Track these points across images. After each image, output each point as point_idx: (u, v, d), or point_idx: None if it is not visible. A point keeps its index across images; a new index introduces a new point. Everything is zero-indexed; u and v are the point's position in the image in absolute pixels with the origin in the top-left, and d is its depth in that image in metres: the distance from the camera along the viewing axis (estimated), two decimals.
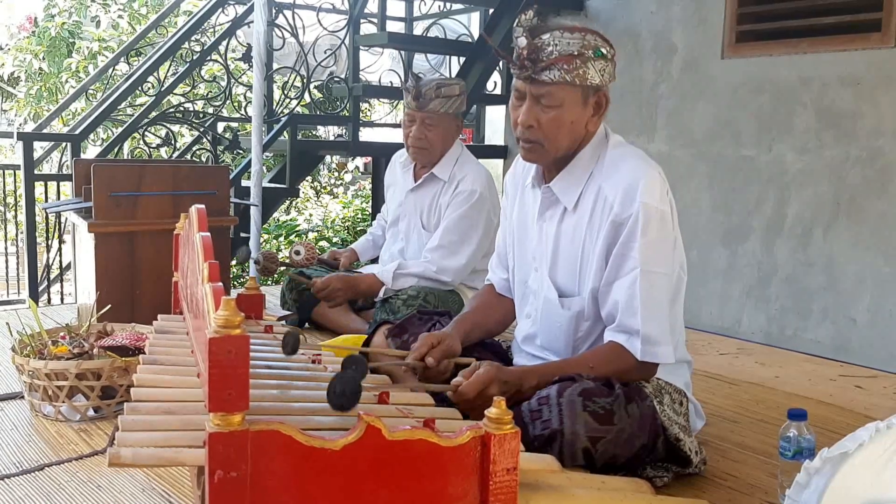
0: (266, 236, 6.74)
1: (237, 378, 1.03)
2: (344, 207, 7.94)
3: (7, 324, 2.23)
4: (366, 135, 7.64)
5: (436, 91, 2.82)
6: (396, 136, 7.23)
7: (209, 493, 1.04)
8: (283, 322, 2.19)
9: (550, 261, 1.92)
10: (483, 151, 5.87)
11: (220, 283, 1.20)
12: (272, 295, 3.45)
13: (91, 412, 2.10)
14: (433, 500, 1.17)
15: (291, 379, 1.56)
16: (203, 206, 1.55)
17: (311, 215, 8.25)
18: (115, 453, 1.07)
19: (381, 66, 6.35)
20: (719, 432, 2.11)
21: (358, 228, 7.39)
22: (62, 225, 4.91)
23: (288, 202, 8.10)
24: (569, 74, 1.75)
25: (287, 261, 3.08)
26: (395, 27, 6.19)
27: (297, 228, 7.04)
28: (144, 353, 2.18)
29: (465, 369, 1.75)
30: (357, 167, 10.88)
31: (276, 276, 3.16)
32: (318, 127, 8.69)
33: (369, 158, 11.01)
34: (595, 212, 1.83)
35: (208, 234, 1.39)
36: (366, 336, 2.30)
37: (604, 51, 1.79)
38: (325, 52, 5.13)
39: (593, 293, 1.82)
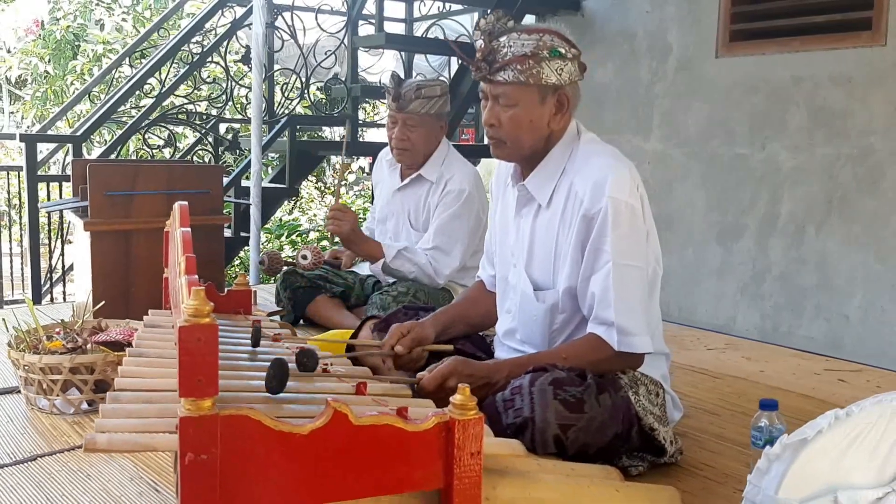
0: (268, 236, 6.80)
1: (206, 365, 1.07)
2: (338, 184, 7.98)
3: (3, 320, 2.28)
4: (369, 135, 7.67)
5: (416, 92, 2.86)
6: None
7: (181, 475, 1.09)
8: (273, 318, 2.24)
9: (527, 256, 1.97)
10: (482, 151, 5.91)
11: (196, 276, 1.25)
12: (268, 292, 3.50)
13: (85, 405, 2.15)
14: (399, 484, 1.22)
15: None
16: (185, 203, 1.59)
17: (314, 215, 8.31)
18: (90, 439, 1.11)
19: (382, 66, 6.41)
20: (699, 424, 2.15)
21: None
22: (66, 226, 4.97)
23: (292, 202, 8.16)
24: (522, 74, 1.81)
25: (292, 261, 3.14)
26: (395, 28, 6.25)
27: (298, 228, 7.10)
28: None
29: (431, 365, 1.80)
30: (361, 168, 10.92)
31: (279, 275, 3.22)
32: (324, 128, 8.75)
33: (372, 159, 11.08)
34: (567, 207, 1.87)
35: (188, 229, 1.44)
36: (352, 330, 2.35)
37: (561, 50, 1.84)
38: (325, 54, 5.19)
39: (569, 287, 1.87)
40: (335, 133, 8.98)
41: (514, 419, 1.59)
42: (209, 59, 5.09)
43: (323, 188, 9.71)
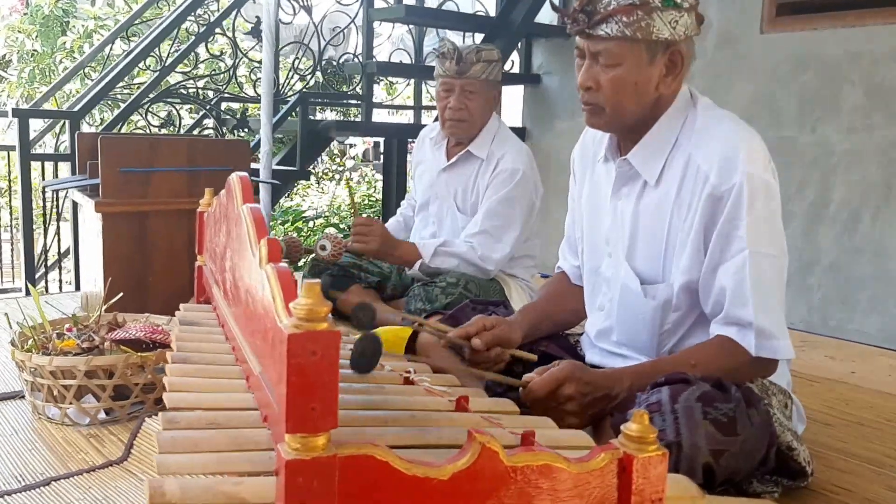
0: (272, 223, 6.47)
1: (324, 388, 0.77)
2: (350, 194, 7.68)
3: (6, 314, 1.97)
4: (376, 116, 7.28)
5: (476, 55, 2.57)
6: (402, 118, 6.99)
7: None
8: None
9: (628, 244, 1.67)
10: None
11: (284, 264, 0.95)
12: None
13: (102, 415, 1.85)
14: None
15: (345, 380, 1.31)
16: (246, 174, 1.29)
17: (312, 202, 7.97)
18: (157, 488, 0.81)
19: (385, 48, 6.11)
20: (815, 437, 1.87)
21: (364, 214, 7.12)
22: (60, 207, 4.63)
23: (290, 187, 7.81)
24: (629, 28, 1.51)
25: (311, 249, 2.81)
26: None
27: (303, 214, 6.77)
28: (161, 347, 1.93)
29: (541, 367, 1.51)
30: (357, 155, 10.59)
31: (306, 263, 2.90)
32: (316, 109, 8.40)
33: (371, 145, 10.75)
34: (685, 185, 1.58)
35: (258, 206, 1.14)
36: (410, 328, 2.05)
37: None
38: (332, 30, 4.88)
39: (688, 281, 1.57)
40: (326, 115, 8.64)
41: None
42: (214, 31, 4.75)
43: (319, 174, 9.37)
